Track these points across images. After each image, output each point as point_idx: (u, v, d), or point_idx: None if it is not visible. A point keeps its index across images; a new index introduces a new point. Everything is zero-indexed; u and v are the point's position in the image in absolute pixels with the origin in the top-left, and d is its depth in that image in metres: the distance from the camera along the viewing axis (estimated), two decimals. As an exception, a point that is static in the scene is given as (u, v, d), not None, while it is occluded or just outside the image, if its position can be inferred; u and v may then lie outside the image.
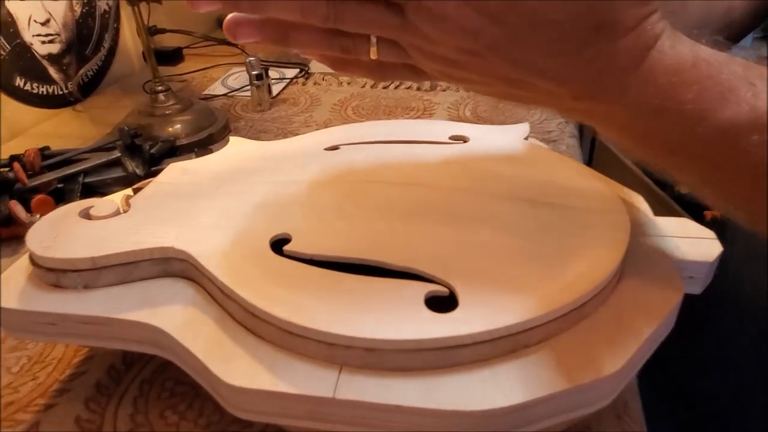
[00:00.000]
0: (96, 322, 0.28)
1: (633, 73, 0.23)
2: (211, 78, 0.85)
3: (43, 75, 0.73)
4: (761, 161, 0.23)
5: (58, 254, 0.29)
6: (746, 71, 0.23)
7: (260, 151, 0.40)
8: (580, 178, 0.35)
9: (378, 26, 0.25)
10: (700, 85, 0.23)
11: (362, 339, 0.24)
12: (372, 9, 0.24)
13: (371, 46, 0.26)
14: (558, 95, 0.25)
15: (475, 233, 0.30)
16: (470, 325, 0.24)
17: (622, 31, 0.23)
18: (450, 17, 0.23)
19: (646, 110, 0.24)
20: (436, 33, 0.24)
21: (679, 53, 0.23)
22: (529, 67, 0.24)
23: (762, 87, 0.23)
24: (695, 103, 0.23)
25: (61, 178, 0.52)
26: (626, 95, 0.24)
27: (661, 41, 0.23)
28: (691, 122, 0.23)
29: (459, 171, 0.36)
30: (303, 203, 0.33)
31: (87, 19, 0.79)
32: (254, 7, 0.25)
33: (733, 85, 0.23)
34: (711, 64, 0.23)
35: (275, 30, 0.26)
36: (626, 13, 0.23)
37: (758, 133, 0.22)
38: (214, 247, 0.29)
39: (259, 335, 0.26)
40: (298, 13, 0.24)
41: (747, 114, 0.23)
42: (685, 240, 0.32)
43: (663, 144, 0.25)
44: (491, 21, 0.23)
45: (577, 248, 0.29)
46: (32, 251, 0.30)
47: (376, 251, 0.28)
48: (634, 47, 0.23)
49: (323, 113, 0.71)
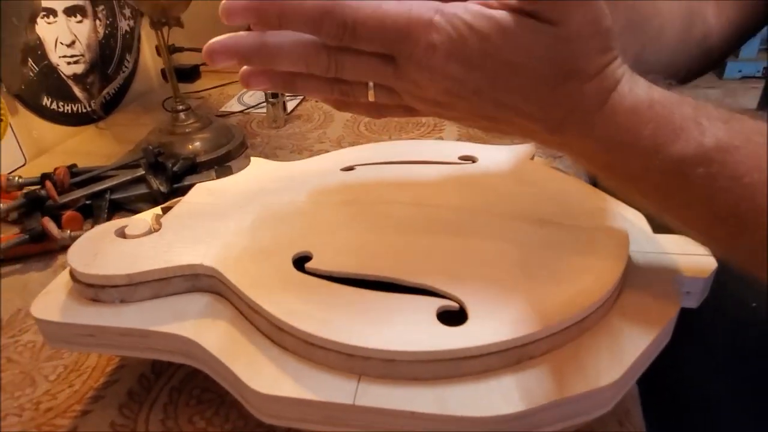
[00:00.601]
0: (132, 334, 0.30)
1: (597, 112, 0.26)
2: (227, 95, 0.88)
3: (68, 94, 0.76)
4: (707, 191, 0.26)
5: (98, 271, 0.31)
6: (695, 111, 0.26)
7: (280, 171, 0.43)
8: (583, 197, 0.37)
9: (373, 75, 0.28)
10: (654, 123, 0.26)
11: (380, 350, 0.26)
12: (368, 60, 0.27)
13: (369, 90, 0.29)
14: (534, 130, 0.28)
15: (484, 250, 0.32)
16: (479, 338, 0.26)
17: (587, 77, 0.25)
18: (437, 67, 0.25)
19: (609, 144, 0.27)
20: (425, 80, 0.26)
21: (636, 95, 0.26)
22: (507, 107, 0.27)
23: (708, 126, 0.26)
24: (650, 139, 0.26)
25: (89, 195, 0.54)
26: (592, 131, 0.27)
27: (621, 85, 0.26)
28: (647, 155, 0.26)
29: (469, 191, 0.38)
30: (322, 222, 0.35)
31: (109, 40, 0.83)
32: (266, 62, 0.28)
33: (683, 124, 0.26)
34: (664, 105, 0.26)
35: (283, 79, 0.29)
36: (591, 61, 0.25)
37: (704, 167, 0.25)
38: (240, 264, 0.32)
39: (283, 346, 0.28)
40: (304, 65, 0.27)
41: (695, 149, 0.25)
42: (682, 256, 0.34)
43: (625, 173, 0.28)
44: (472, 69, 0.25)
45: (579, 265, 0.31)
46: (74, 268, 0.32)
47: (391, 268, 0.31)
48: (598, 90, 0.26)
49: (336, 129, 0.73)
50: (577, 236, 0.33)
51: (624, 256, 0.31)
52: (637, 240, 0.35)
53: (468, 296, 0.28)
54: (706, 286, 0.33)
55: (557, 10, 0.24)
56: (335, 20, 0.25)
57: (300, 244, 0.33)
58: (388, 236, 0.34)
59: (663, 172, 0.26)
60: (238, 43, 0.27)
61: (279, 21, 0.26)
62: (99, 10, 0.80)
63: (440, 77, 0.26)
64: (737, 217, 0.25)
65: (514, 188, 0.39)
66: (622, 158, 0.27)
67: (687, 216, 0.28)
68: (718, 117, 0.26)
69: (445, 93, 0.27)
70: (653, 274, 0.33)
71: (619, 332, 0.29)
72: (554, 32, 0.25)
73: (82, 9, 0.77)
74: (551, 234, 0.33)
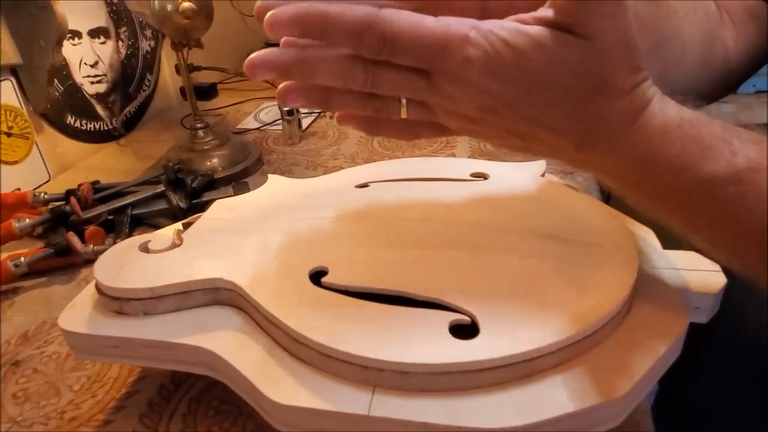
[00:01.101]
0: (155, 345, 0.32)
1: (627, 129, 0.27)
2: (244, 112, 0.90)
3: (90, 112, 0.78)
4: (737, 210, 0.26)
5: (123, 285, 0.33)
6: (724, 132, 0.27)
7: (296, 188, 0.44)
8: (593, 214, 0.38)
9: (408, 89, 0.29)
10: (683, 142, 0.26)
11: (393, 363, 0.27)
12: (403, 74, 0.28)
13: (402, 107, 0.30)
14: (563, 147, 0.28)
15: (495, 265, 0.33)
16: (490, 351, 0.27)
17: (619, 94, 0.26)
18: (472, 81, 0.26)
19: (637, 161, 0.27)
20: (460, 94, 0.27)
21: (666, 114, 0.27)
22: (539, 123, 0.27)
23: (738, 146, 0.26)
24: (679, 158, 0.26)
25: (111, 210, 0.56)
26: (621, 148, 0.27)
27: (651, 104, 0.27)
28: (675, 174, 0.27)
29: (480, 207, 0.39)
30: (337, 238, 0.36)
31: (131, 60, 0.85)
32: (305, 75, 0.29)
33: (712, 143, 0.26)
34: (693, 125, 0.27)
35: (320, 95, 0.30)
36: (622, 79, 0.26)
37: (734, 186, 0.26)
38: (259, 278, 0.33)
39: (300, 358, 0.29)
40: (341, 79, 0.28)
41: (725, 169, 0.26)
42: (691, 272, 0.34)
43: (652, 192, 0.29)
44: (507, 84, 0.26)
45: (589, 281, 0.31)
46: (100, 282, 0.33)
47: (405, 283, 0.31)
48: (629, 108, 0.26)
49: (351, 146, 0.75)
50: (587, 252, 0.34)
51: (633, 271, 0.32)
52: (647, 256, 0.35)
53: (479, 310, 0.29)
54: (716, 302, 0.34)
55: (590, 24, 0.25)
56: (376, 33, 0.26)
57: (316, 259, 0.34)
58: (401, 251, 0.35)
59: (691, 191, 0.27)
60: (279, 58, 0.28)
61: (321, 32, 0.26)
62: (122, 32, 0.83)
63: (475, 91, 0.27)
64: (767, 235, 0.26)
65: (526, 205, 0.39)
66: (650, 176, 0.27)
67: (714, 235, 0.28)
68: (749, 138, 0.27)
69: (478, 108, 0.28)
70: (663, 290, 0.33)
71: (628, 346, 0.29)
72: (587, 46, 0.25)
73: (106, 31, 0.80)
74: (562, 249, 0.34)
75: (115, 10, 0.81)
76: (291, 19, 0.26)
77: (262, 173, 0.69)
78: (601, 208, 0.39)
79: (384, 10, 0.26)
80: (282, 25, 0.26)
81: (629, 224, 0.39)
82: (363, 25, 0.26)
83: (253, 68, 0.28)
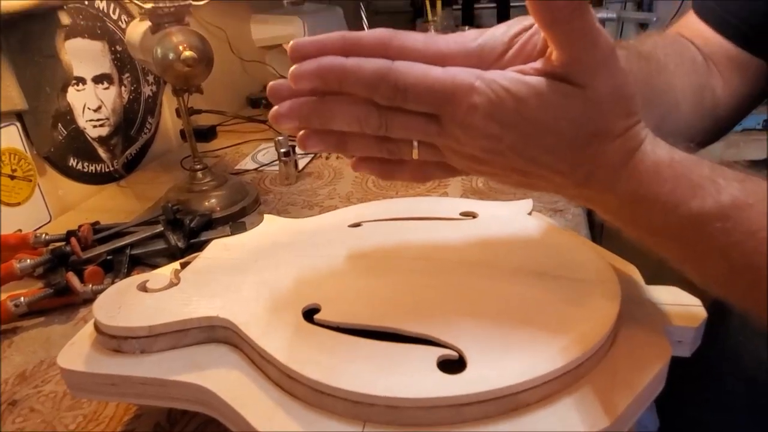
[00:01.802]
0: (152, 383, 0.32)
1: (622, 168, 0.29)
2: (242, 153, 0.92)
3: (92, 155, 0.80)
4: (724, 245, 0.28)
5: (121, 323, 0.34)
6: (712, 171, 0.29)
7: (292, 227, 0.45)
8: (578, 251, 0.39)
9: (419, 132, 0.31)
10: (674, 181, 0.29)
11: (383, 398, 0.28)
12: (414, 119, 0.30)
13: (413, 149, 0.32)
14: (563, 184, 0.31)
15: (483, 301, 0.34)
16: (476, 385, 0.28)
17: (612, 137, 0.29)
18: (476, 126, 0.29)
19: (631, 199, 0.30)
20: (466, 137, 0.29)
21: (657, 155, 0.29)
22: (539, 163, 0.30)
23: (724, 185, 0.28)
24: (670, 195, 0.29)
25: (110, 250, 0.57)
26: (617, 186, 0.30)
27: (644, 145, 0.29)
28: (667, 210, 0.29)
29: (469, 245, 0.40)
30: (330, 276, 0.38)
31: (133, 104, 0.88)
32: (324, 122, 0.31)
33: (701, 182, 0.28)
34: (684, 165, 0.29)
35: (337, 139, 0.32)
36: (616, 123, 0.28)
37: (721, 222, 0.28)
38: (254, 316, 0.34)
39: (293, 394, 0.30)
40: (357, 124, 0.30)
41: (712, 206, 0.28)
42: (673, 307, 0.35)
43: (647, 227, 0.31)
44: (508, 128, 0.28)
45: (574, 315, 0.33)
46: (99, 321, 0.34)
47: (395, 320, 0.33)
48: (623, 149, 0.29)
49: (345, 186, 0.76)
50: (572, 287, 0.35)
51: (616, 306, 0.33)
52: (630, 291, 0.37)
53: (467, 345, 0.30)
54: (698, 336, 0.35)
55: (585, 74, 0.27)
56: (390, 83, 0.28)
57: (310, 297, 0.35)
58: (392, 289, 0.36)
59: (682, 227, 0.29)
60: (300, 108, 0.30)
61: (340, 83, 0.29)
62: (125, 78, 0.86)
63: (479, 135, 0.29)
64: (753, 270, 0.28)
65: (513, 242, 0.41)
66: (643, 212, 0.30)
67: (705, 268, 0.30)
68: (734, 177, 0.29)
69: (483, 150, 0.30)
70: (645, 324, 0.34)
71: (612, 379, 0.30)
72: (583, 95, 0.28)
73: (110, 77, 0.83)
74: (547, 285, 0.35)
75: (119, 57, 0.84)
76: (313, 72, 0.29)
77: (259, 213, 0.71)
78: (586, 245, 0.41)
79: (396, 63, 0.29)
80: (305, 77, 0.29)
81: (614, 261, 0.40)
82: (377, 76, 0.28)
83: (278, 118, 0.30)
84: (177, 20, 0.62)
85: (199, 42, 0.62)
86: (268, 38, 1.29)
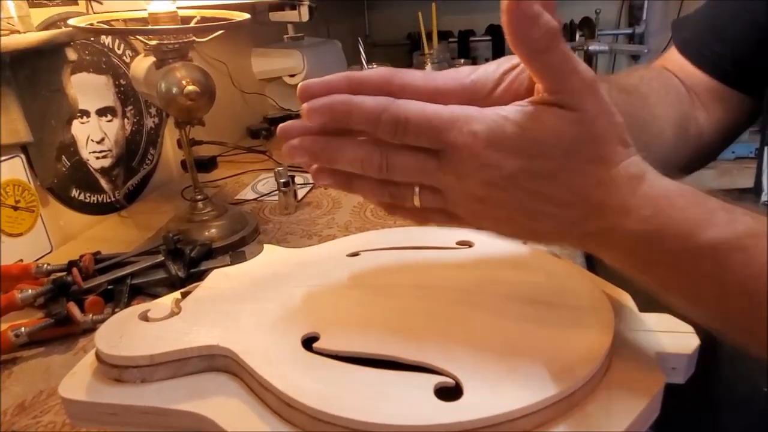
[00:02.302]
0: (153, 412, 0.33)
1: (632, 196, 0.29)
2: (242, 183, 0.94)
3: (94, 186, 0.82)
4: (741, 276, 0.28)
5: (123, 353, 0.34)
6: (721, 202, 0.29)
7: (291, 257, 0.46)
8: (572, 279, 0.40)
9: (420, 171, 0.31)
10: (687, 209, 0.29)
11: (382, 425, 0.28)
12: (415, 157, 0.31)
13: (414, 195, 0.33)
14: (572, 219, 0.30)
15: (479, 329, 0.35)
16: (473, 412, 0.28)
17: (615, 164, 0.29)
18: (477, 154, 0.29)
19: (646, 227, 0.29)
20: (466, 169, 0.30)
21: (666, 184, 0.30)
22: (543, 195, 0.30)
23: (737, 214, 0.28)
24: (684, 223, 0.28)
25: (111, 280, 0.58)
26: (631, 214, 0.29)
27: (648, 174, 0.30)
28: (681, 239, 0.28)
29: (465, 274, 0.41)
30: (329, 305, 0.38)
31: (135, 136, 0.90)
32: (330, 161, 0.32)
33: (713, 211, 0.29)
34: (694, 193, 0.29)
35: (343, 178, 0.33)
36: (613, 149, 0.29)
37: (740, 252, 0.28)
38: (254, 345, 0.34)
39: (292, 423, 0.30)
40: (359, 165, 0.32)
41: (729, 235, 0.28)
42: (666, 334, 0.36)
43: (661, 260, 0.30)
44: (509, 155, 0.29)
45: (569, 342, 0.33)
46: (100, 350, 0.35)
47: (393, 348, 0.33)
48: (628, 175, 0.29)
49: (344, 215, 0.77)
50: (566, 315, 0.36)
51: (610, 332, 0.34)
52: (623, 318, 0.37)
53: (463, 372, 0.31)
54: (691, 363, 0.35)
55: (574, 98, 0.29)
56: (390, 115, 0.30)
57: (308, 326, 0.35)
58: (389, 317, 0.36)
59: (697, 257, 0.28)
60: (311, 143, 0.32)
61: (347, 118, 0.30)
62: (128, 110, 0.88)
63: (480, 165, 0.29)
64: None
65: (509, 271, 0.42)
66: (657, 242, 0.29)
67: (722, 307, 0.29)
68: (742, 209, 0.29)
69: (483, 183, 0.30)
70: (639, 351, 0.35)
71: (606, 407, 0.31)
72: (577, 117, 0.29)
73: (113, 110, 0.85)
74: (542, 313, 0.36)
75: (122, 90, 0.86)
76: (324, 106, 0.30)
77: (258, 242, 0.71)
78: (580, 273, 0.41)
79: (398, 99, 0.30)
80: (317, 112, 0.31)
81: (608, 288, 0.41)
82: (379, 108, 0.30)
83: (292, 152, 0.32)
84: (181, 56, 0.64)
85: (202, 77, 0.64)
86: (269, 71, 1.32)
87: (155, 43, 0.63)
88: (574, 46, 1.64)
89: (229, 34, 0.66)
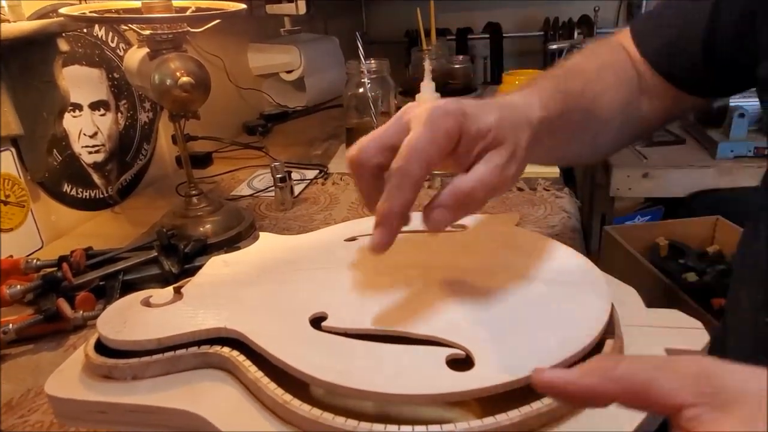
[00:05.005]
0: (143, 410, 0.31)
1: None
2: (238, 179, 0.92)
3: (87, 181, 0.80)
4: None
5: (129, 337, 0.33)
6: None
7: (288, 243, 0.46)
8: (564, 256, 0.40)
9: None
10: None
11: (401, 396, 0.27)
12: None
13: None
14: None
15: (482, 305, 0.34)
16: (487, 380, 0.28)
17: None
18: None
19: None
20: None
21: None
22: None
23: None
24: None
25: (102, 276, 0.56)
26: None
27: None
28: None
29: (462, 254, 0.41)
30: (333, 286, 0.38)
31: (129, 131, 0.88)
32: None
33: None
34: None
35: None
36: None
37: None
38: (262, 326, 0.34)
39: (288, 421, 0.29)
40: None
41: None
42: (674, 329, 0.35)
43: None
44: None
45: (567, 314, 0.33)
46: (104, 336, 0.34)
47: (401, 323, 0.33)
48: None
49: (341, 211, 0.76)
50: (563, 288, 0.36)
51: (608, 300, 0.34)
52: (630, 314, 0.36)
53: (472, 344, 0.30)
54: (701, 359, 0.34)
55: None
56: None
57: (314, 306, 0.35)
58: (395, 295, 0.36)
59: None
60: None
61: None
62: (121, 104, 0.86)
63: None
64: None
65: (503, 250, 0.42)
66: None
67: None
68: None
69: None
70: (647, 347, 0.34)
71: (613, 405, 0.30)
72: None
73: (106, 103, 0.83)
74: (541, 289, 0.36)
75: (116, 84, 0.85)
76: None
77: (254, 238, 0.70)
78: (571, 251, 0.41)
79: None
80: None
81: (614, 284, 0.40)
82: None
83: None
84: (175, 47, 0.63)
85: (197, 68, 0.62)
86: (265, 66, 1.31)
87: (149, 33, 0.62)
88: (573, 44, 1.63)
89: (225, 28, 0.65)
